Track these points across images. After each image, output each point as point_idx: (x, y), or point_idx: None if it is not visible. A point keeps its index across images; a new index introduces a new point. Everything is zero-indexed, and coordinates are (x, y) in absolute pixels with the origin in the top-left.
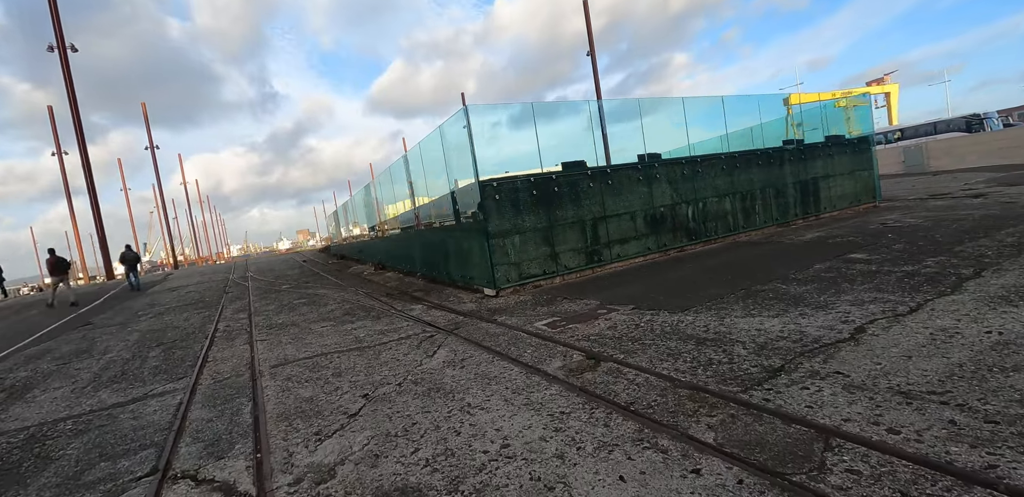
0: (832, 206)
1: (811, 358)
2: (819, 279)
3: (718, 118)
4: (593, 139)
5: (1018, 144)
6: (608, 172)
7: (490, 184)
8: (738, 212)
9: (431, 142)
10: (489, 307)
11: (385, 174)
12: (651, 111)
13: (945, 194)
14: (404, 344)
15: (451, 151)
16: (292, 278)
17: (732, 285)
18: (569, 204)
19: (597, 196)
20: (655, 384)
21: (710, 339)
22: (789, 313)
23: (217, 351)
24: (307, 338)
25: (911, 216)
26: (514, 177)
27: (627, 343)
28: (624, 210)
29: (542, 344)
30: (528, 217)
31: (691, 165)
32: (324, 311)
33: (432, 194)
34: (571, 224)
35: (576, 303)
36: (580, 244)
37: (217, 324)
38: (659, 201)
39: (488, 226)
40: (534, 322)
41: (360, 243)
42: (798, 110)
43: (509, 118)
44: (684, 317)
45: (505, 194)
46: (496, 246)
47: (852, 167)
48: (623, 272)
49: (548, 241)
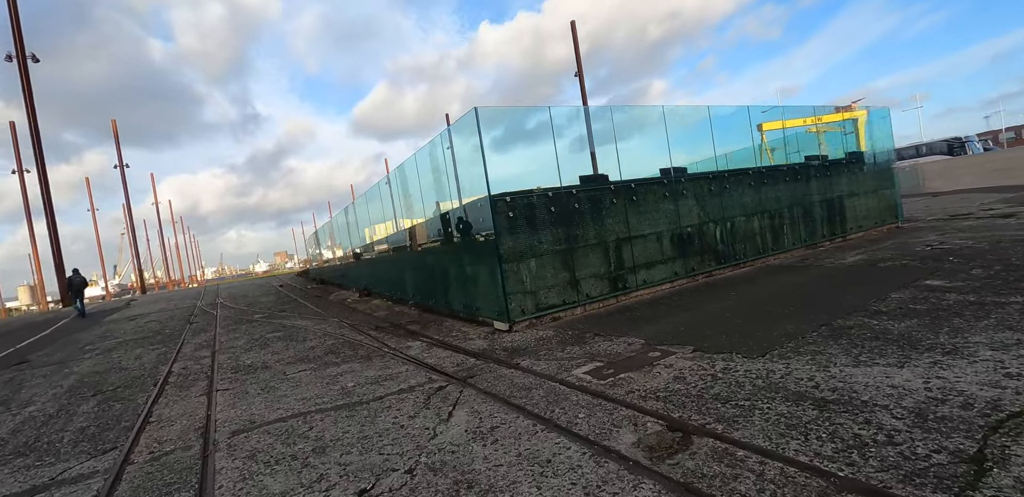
0: (858, 227)
1: (1017, 437)
2: (913, 312)
3: (701, 138)
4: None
5: (1011, 166)
6: (633, 187)
7: (502, 199)
8: (767, 233)
9: (425, 156)
10: (504, 345)
11: (373, 190)
12: (626, 137)
13: (967, 214)
14: (407, 400)
15: (458, 163)
16: (266, 306)
17: (802, 319)
18: (590, 223)
19: (620, 214)
20: (802, 482)
21: (833, 401)
22: (915, 360)
23: (165, 405)
24: (280, 388)
25: (953, 237)
26: (529, 192)
27: (716, 405)
28: (650, 230)
29: (595, 404)
30: (545, 238)
31: (718, 180)
32: (302, 349)
33: (429, 213)
34: (593, 246)
35: (614, 342)
36: (603, 269)
37: (173, 365)
38: (686, 220)
39: (500, 248)
40: (571, 369)
41: (342, 267)
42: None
43: (510, 132)
44: (771, 365)
45: (520, 211)
46: (509, 271)
47: (875, 185)
48: (653, 302)
49: (567, 265)
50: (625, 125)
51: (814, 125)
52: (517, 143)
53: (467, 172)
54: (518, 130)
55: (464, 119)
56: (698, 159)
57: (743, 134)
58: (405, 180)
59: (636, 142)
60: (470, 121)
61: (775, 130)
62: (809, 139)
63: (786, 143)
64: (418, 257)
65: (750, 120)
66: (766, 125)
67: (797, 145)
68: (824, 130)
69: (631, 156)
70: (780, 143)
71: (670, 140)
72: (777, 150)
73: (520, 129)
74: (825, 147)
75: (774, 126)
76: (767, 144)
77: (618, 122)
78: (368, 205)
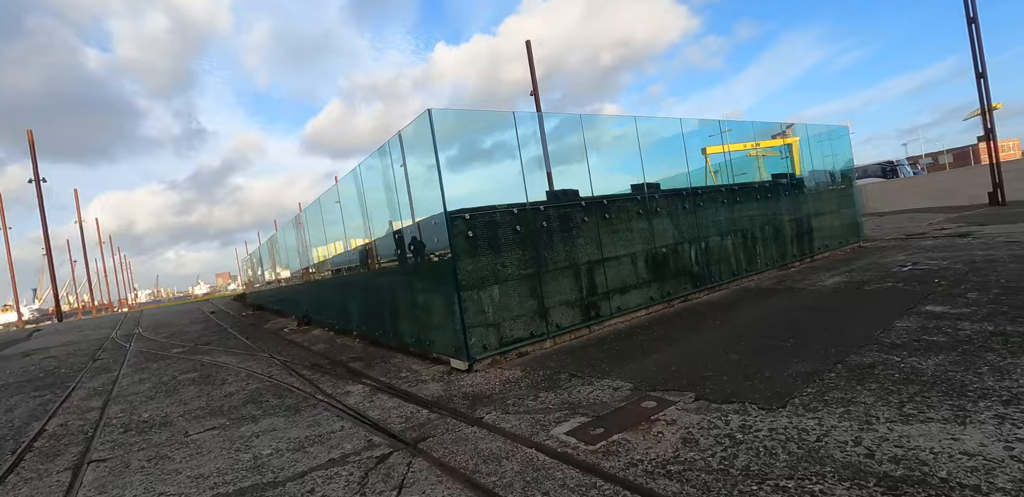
0: (825, 246)
1: None
2: (934, 346)
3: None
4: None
5: (949, 187)
6: (605, 204)
7: (461, 217)
8: (740, 253)
9: (374, 167)
10: (464, 391)
11: (313, 207)
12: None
13: (922, 234)
14: (337, 479)
15: (411, 176)
16: (191, 337)
17: (810, 354)
18: (560, 244)
19: (592, 233)
20: None
21: (903, 480)
22: (975, 414)
23: (12, 487)
24: (174, 458)
25: (922, 257)
26: (492, 208)
27: (751, 487)
28: (624, 251)
29: (589, 485)
30: (510, 261)
31: (692, 198)
32: (217, 396)
33: (380, 232)
34: (563, 269)
35: (595, 386)
36: (574, 295)
37: (49, 421)
38: (661, 240)
39: (458, 273)
40: (550, 427)
41: (281, 291)
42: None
43: (467, 149)
44: (799, 420)
45: (481, 231)
46: (469, 300)
47: (839, 204)
48: (630, 332)
49: (535, 292)
50: (592, 140)
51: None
52: (474, 162)
53: (421, 187)
54: (476, 146)
55: (416, 125)
56: (661, 177)
57: (693, 155)
58: (351, 194)
59: (595, 159)
60: (423, 127)
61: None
62: (749, 163)
63: (730, 166)
64: (365, 282)
65: (721, 134)
66: (710, 149)
67: (738, 168)
68: (763, 154)
69: (594, 174)
70: (723, 166)
71: (640, 155)
72: (720, 172)
73: (478, 147)
74: (764, 171)
75: (717, 150)
76: (711, 167)
77: (588, 136)
78: (308, 224)
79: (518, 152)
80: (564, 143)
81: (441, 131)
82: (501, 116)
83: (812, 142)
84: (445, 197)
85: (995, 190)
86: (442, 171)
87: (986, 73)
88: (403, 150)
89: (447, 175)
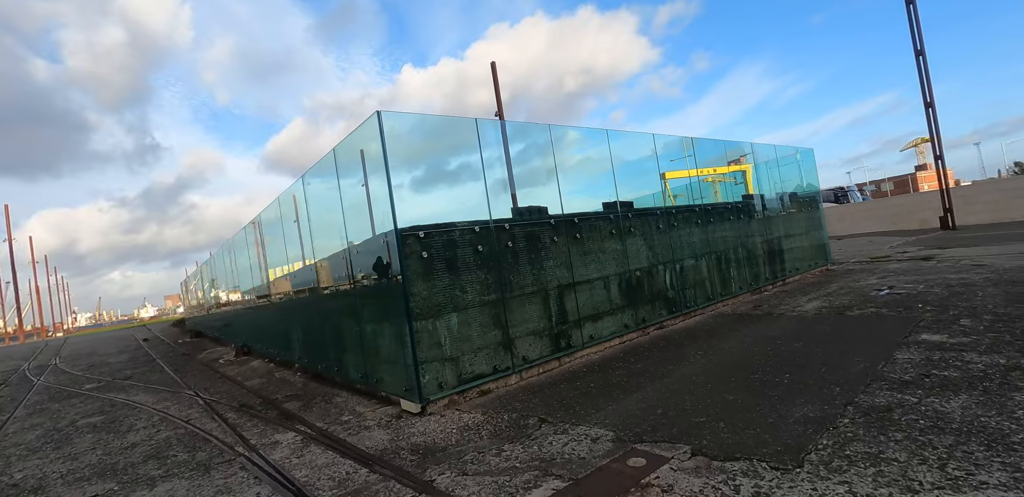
0: (795, 269)
1: None
2: (949, 383)
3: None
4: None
5: (900, 212)
6: (576, 222)
7: (414, 235)
8: (715, 276)
9: (317, 182)
10: (415, 440)
11: (258, 225)
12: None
13: (886, 257)
14: None
15: (362, 193)
16: (112, 370)
17: (813, 394)
18: (527, 266)
19: (562, 255)
20: None
21: None
22: None
23: None
24: None
25: (895, 280)
26: (450, 226)
27: None
28: (596, 274)
29: None
30: (471, 286)
31: (666, 217)
32: (117, 448)
33: (326, 253)
34: (530, 295)
35: (570, 435)
36: (543, 323)
37: None
38: (635, 262)
39: (410, 301)
40: (517, 496)
41: (223, 316)
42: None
43: (431, 171)
44: (826, 486)
45: (438, 251)
46: (423, 331)
47: (808, 227)
48: (604, 364)
49: (499, 321)
50: (562, 152)
51: (710, 176)
52: (439, 183)
53: (373, 203)
54: (442, 168)
55: (362, 131)
56: (632, 197)
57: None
58: (293, 213)
59: (564, 178)
60: (371, 131)
61: (677, 179)
62: (706, 188)
63: (690, 190)
64: (307, 309)
65: (693, 152)
66: (669, 174)
67: (696, 193)
68: (719, 180)
69: (550, 195)
70: (683, 190)
71: (612, 170)
72: (680, 196)
73: (444, 168)
74: (720, 196)
75: (676, 175)
76: (671, 191)
77: (557, 151)
78: (249, 245)
79: (481, 166)
80: (529, 166)
81: (402, 150)
82: (463, 123)
83: (781, 163)
84: (396, 213)
85: (946, 215)
86: (395, 188)
87: (934, 103)
88: (337, 167)
89: (409, 195)
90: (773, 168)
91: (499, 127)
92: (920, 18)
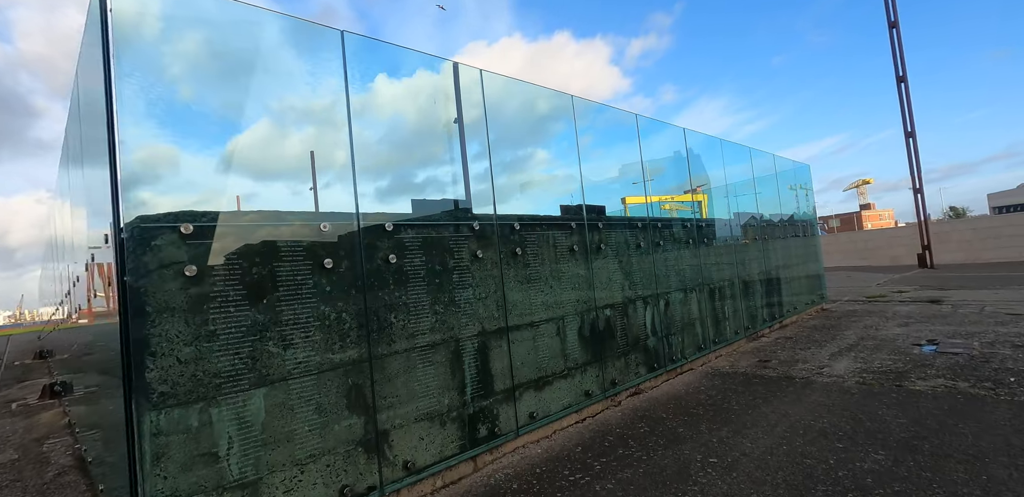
0: (793, 308)
1: None
2: None
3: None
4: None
5: (870, 247)
6: (517, 230)
7: (174, 231)
8: (707, 317)
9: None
10: None
11: None
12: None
13: (881, 296)
14: None
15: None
16: None
17: None
18: (424, 299)
19: (491, 281)
20: None
21: None
22: None
23: None
24: None
25: (929, 331)
26: (255, 217)
27: None
28: (545, 314)
29: None
30: (303, 332)
31: (652, 231)
32: None
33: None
34: (426, 349)
35: None
36: (447, 398)
37: None
38: (604, 294)
39: (147, 365)
40: None
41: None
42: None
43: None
44: None
45: (229, 267)
46: (170, 432)
47: (805, 256)
48: (552, 471)
49: (360, 398)
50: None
51: (668, 202)
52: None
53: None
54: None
55: None
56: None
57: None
58: None
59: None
60: None
61: (636, 204)
62: (664, 215)
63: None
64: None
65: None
66: (629, 199)
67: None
68: (676, 207)
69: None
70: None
71: (576, 146)
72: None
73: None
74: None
75: (636, 200)
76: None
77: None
78: None
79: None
80: (497, 183)
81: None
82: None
83: (780, 178)
84: (118, 179)
85: (924, 252)
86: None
87: (915, 132)
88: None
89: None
90: (771, 183)
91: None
92: (904, 44)
